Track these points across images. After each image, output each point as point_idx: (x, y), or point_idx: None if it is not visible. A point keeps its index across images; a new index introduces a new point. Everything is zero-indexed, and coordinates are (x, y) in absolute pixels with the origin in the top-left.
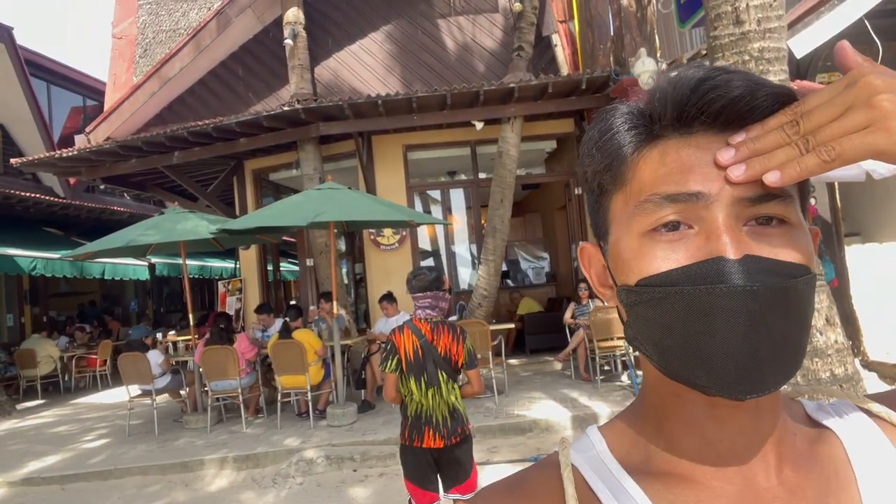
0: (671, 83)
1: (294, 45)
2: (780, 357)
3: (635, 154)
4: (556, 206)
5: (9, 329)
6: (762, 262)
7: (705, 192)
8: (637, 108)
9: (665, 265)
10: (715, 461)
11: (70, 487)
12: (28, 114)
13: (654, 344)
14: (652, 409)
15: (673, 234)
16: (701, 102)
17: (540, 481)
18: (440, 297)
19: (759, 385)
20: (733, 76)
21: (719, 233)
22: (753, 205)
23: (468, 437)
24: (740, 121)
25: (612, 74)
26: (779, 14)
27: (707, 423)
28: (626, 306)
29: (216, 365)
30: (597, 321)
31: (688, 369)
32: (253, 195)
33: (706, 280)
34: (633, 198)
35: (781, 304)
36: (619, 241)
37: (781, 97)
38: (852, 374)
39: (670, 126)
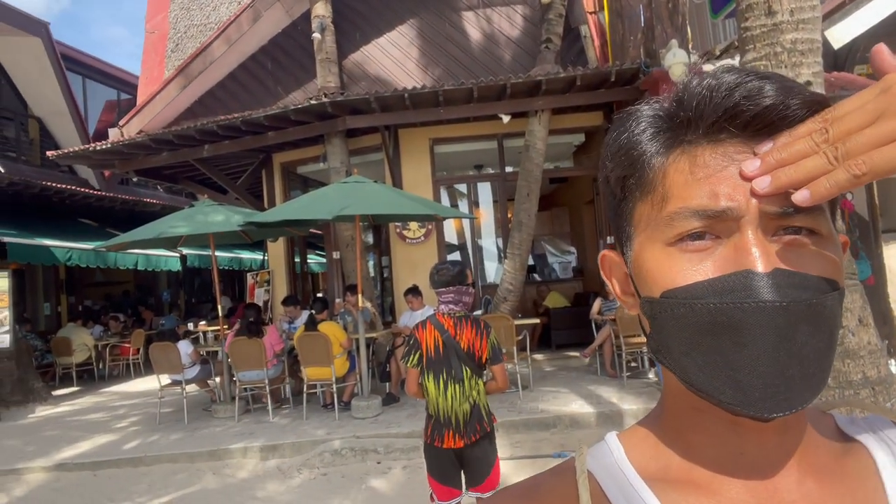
0: (702, 89)
1: (322, 39)
2: (808, 375)
3: (663, 161)
4: (584, 201)
5: (46, 317)
6: (792, 277)
7: (734, 207)
8: (664, 112)
9: (691, 277)
10: (736, 473)
11: (102, 474)
12: (64, 107)
13: (677, 357)
14: (672, 419)
15: (699, 244)
16: (732, 111)
17: (555, 487)
18: (463, 291)
19: (786, 403)
20: (765, 83)
21: (748, 246)
22: (782, 217)
23: (489, 434)
24: (771, 128)
25: (643, 66)
26: (813, 4)
27: (729, 437)
28: (649, 318)
29: (245, 355)
30: (624, 317)
31: (713, 385)
32: (281, 188)
33: (734, 294)
34: (660, 207)
35: (811, 321)
36: (643, 251)
37: (815, 105)
38: (885, 377)
39: (699, 133)
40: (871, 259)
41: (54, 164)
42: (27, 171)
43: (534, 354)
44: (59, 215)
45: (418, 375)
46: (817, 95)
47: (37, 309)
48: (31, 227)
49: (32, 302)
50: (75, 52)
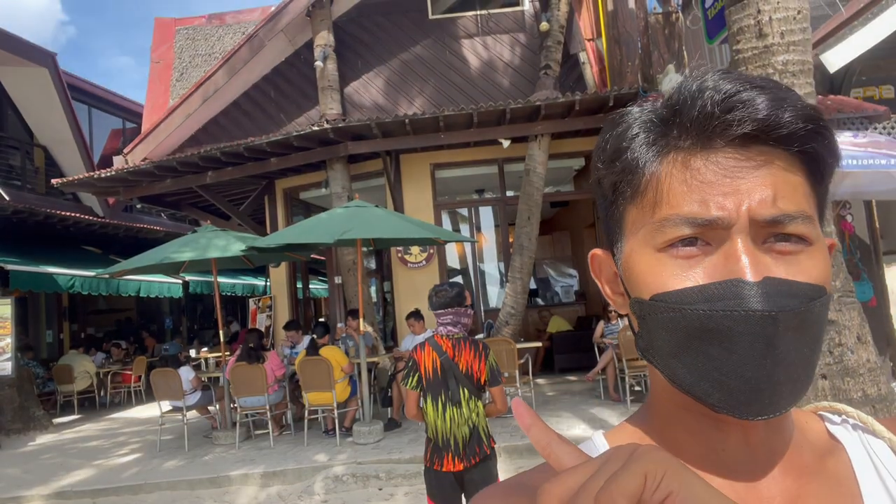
0: (696, 95)
1: (324, 67)
2: (793, 379)
3: (655, 167)
4: (584, 224)
5: (48, 345)
6: (781, 285)
7: (724, 216)
8: (657, 115)
9: (681, 283)
10: (718, 470)
11: (101, 501)
12: (70, 136)
13: (665, 358)
14: (657, 417)
15: (690, 250)
16: (725, 121)
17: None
18: (462, 313)
19: (771, 407)
20: (759, 94)
21: (738, 255)
22: (772, 226)
23: (490, 457)
24: (762, 138)
25: (640, 91)
26: (803, 27)
27: (713, 434)
28: (638, 318)
29: (245, 381)
30: (626, 340)
31: (700, 387)
32: (284, 214)
33: (724, 302)
34: (651, 212)
35: (798, 328)
36: (632, 254)
37: (806, 117)
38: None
39: (692, 140)
40: (873, 280)
41: (59, 192)
42: (32, 198)
43: (536, 378)
44: (63, 242)
45: (418, 397)
46: (808, 107)
47: (39, 336)
48: (34, 254)
49: (35, 329)
50: (81, 82)
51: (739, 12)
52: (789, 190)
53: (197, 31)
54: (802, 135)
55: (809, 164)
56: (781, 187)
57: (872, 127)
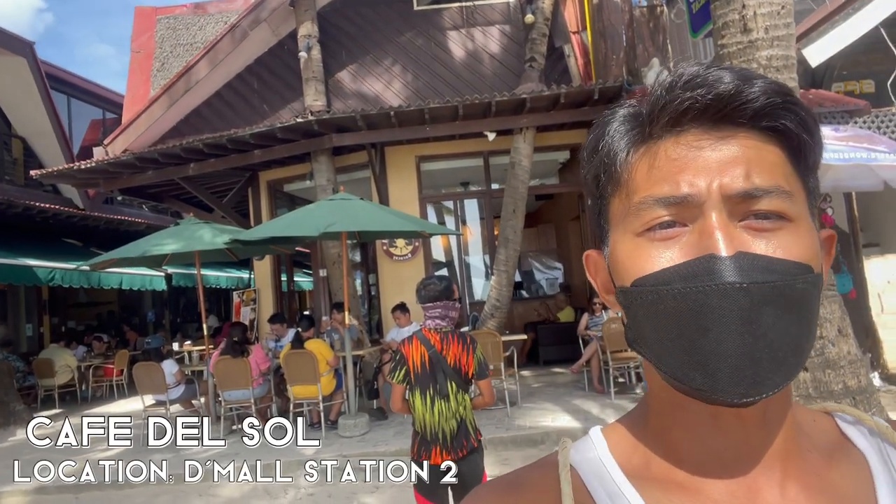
0: (662, 83)
1: (308, 58)
2: (777, 357)
3: (629, 156)
4: (569, 217)
5: (28, 339)
6: (757, 260)
7: (695, 193)
8: (633, 111)
9: (659, 264)
10: (717, 471)
11: (84, 497)
12: (48, 127)
13: (651, 345)
14: (655, 415)
15: (667, 232)
16: (689, 99)
17: (537, 480)
18: (450, 306)
19: (756, 386)
20: (724, 72)
21: (711, 230)
22: (746, 201)
23: (477, 450)
24: (731, 116)
25: (625, 84)
26: (787, 22)
27: (710, 432)
28: (624, 308)
29: (230, 375)
30: (610, 332)
31: (683, 370)
32: (267, 206)
33: (698, 278)
34: (628, 200)
35: (777, 303)
36: (616, 244)
37: (773, 93)
38: (866, 386)
39: (662, 125)
40: (853, 273)
41: (38, 184)
42: (10, 190)
43: (521, 371)
44: (43, 235)
45: (404, 391)
46: (776, 83)
47: (18, 330)
48: (13, 246)
49: (14, 323)
50: (60, 72)
51: (724, 7)
52: (764, 166)
53: (178, 21)
54: (770, 111)
55: (786, 142)
56: (755, 163)
57: (853, 121)
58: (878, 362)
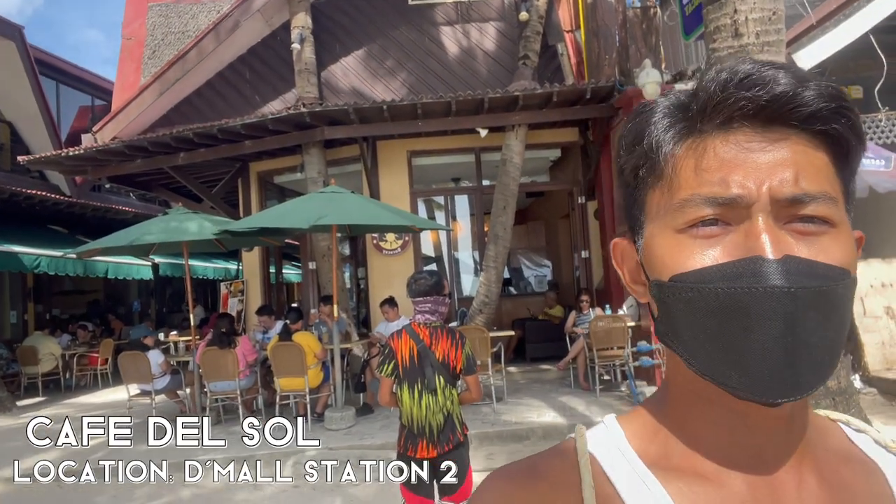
0: (715, 79)
1: (301, 50)
2: (815, 360)
3: (675, 149)
4: (559, 215)
5: (12, 326)
6: (802, 264)
7: (745, 194)
8: (678, 101)
9: (701, 262)
10: (741, 465)
11: (67, 485)
12: (36, 112)
13: (685, 341)
14: (677, 406)
15: (711, 230)
16: (744, 99)
17: (555, 466)
18: (440, 301)
19: (793, 388)
20: (780, 73)
21: (759, 232)
22: (794, 205)
23: (462, 444)
24: (784, 118)
25: (617, 85)
26: (777, 28)
27: (736, 428)
28: (657, 301)
29: (216, 366)
30: (597, 330)
31: (719, 369)
32: (257, 198)
33: (743, 279)
34: (672, 194)
35: (819, 307)
36: (654, 237)
37: (828, 97)
38: (846, 388)
39: (712, 121)
40: None
41: (25, 170)
42: None
43: (508, 367)
44: (28, 221)
45: (392, 385)
46: (831, 87)
47: (3, 317)
48: None
49: None
50: (49, 57)
51: (716, 11)
52: (812, 171)
53: (170, 8)
54: (825, 114)
55: (833, 145)
56: (804, 167)
57: None
58: (859, 364)
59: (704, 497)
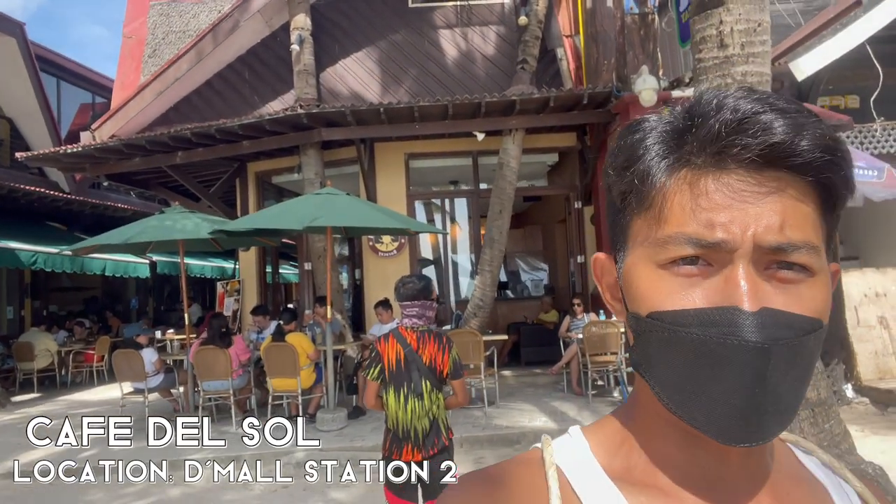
0: (714, 111)
1: (300, 51)
2: (780, 409)
3: (665, 181)
4: (556, 220)
5: (8, 322)
6: (778, 316)
7: (729, 239)
8: (674, 126)
9: (679, 303)
10: (700, 486)
11: (58, 482)
12: (37, 109)
13: (657, 375)
14: (642, 423)
15: (690, 269)
16: (740, 143)
17: (522, 476)
18: (428, 305)
19: (756, 435)
20: (777, 117)
21: (738, 280)
22: (776, 253)
23: (447, 448)
24: (778, 163)
25: (614, 90)
26: (763, 39)
27: (697, 451)
28: (634, 333)
29: (209, 365)
30: (590, 336)
31: (686, 408)
32: (255, 198)
33: (719, 328)
34: (656, 227)
35: (789, 360)
36: (634, 267)
37: (823, 147)
38: (825, 399)
39: (705, 158)
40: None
41: (24, 166)
42: None
43: (502, 371)
44: (26, 218)
45: (378, 388)
46: (829, 137)
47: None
48: None
49: None
50: (50, 54)
51: (703, 21)
52: (799, 219)
53: (171, 8)
54: (818, 164)
55: (823, 193)
56: (790, 215)
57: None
58: (851, 374)
59: None
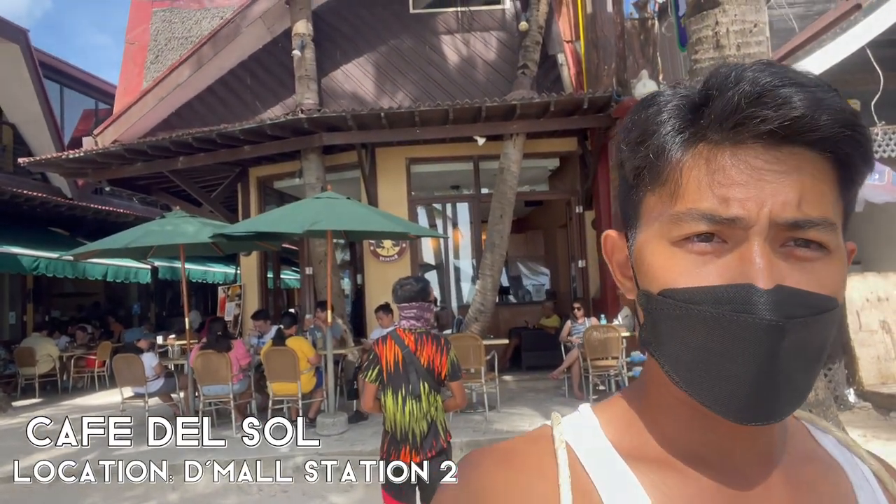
0: (731, 84)
1: (302, 56)
2: (793, 388)
3: (680, 157)
4: (557, 224)
5: (10, 327)
6: (793, 295)
7: (744, 216)
8: (690, 101)
9: (692, 281)
10: (711, 463)
11: (57, 486)
12: (40, 115)
13: (667, 353)
14: (652, 401)
15: (704, 247)
16: (758, 116)
17: (531, 454)
18: (426, 308)
19: (768, 415)
20: (796, 91)
21: (753, 258)
22: (793, 229)
23: (446, 451)
24: (796, 138)
25: (614, 95)
26: (759, 40)
27: (707, 430)
28: (645, 311)
29: (209, 370)
30: (591, 340)
31: (698, 387)
32: (256, 202)
33: (732, 305)
34: (670, 202)
35: (804, 338)
36: (646, 244)
37: (843, 121)
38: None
39: (721, 133)
40: None
41: (27, 172)
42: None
43: (504, 375)
44: (29, 223)
45: (376, 390)
46: (848, 112)
47: (1, 318)
48: None
49: None
50: (54, 60)
51: (699, 23)
52: (816, 195)
53: (174, 14)
54: (838, 140)
55: (841, 169)
56: (808, 191)
57: None
58: (854, 378)
59: (676, 490)
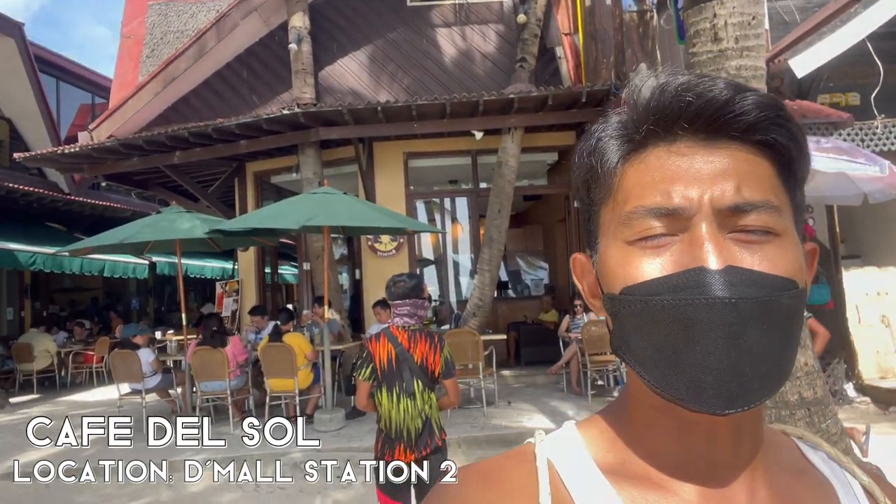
0: (653, 90)
1: (298, 50)
2: (761, 372)
3: (620, 163)
4: (556, 219)
5: (8, 322)
6: (745, 274)
7: (686, 205)
8: (620, 118)
9: (648, 273)
10: (694, 476)
11: (54, 483)
12: (36, 109)
13: (636, 354)
14: (634, 417)
15: (657, 241)
16: (683, 109)
17: (513, 472)
18: (419, 304)
19: (739, 400)
20: (717, 82)
21: (702, 241)
22: (736, 215)
23: (440, 449)
24: (725, 127)
25: (613, 88)
26: (757, 33)
27: (688, 439)
28: (611, 315)
29: (206, 366)
30: (589, 335)
31: (668, 381)
32: (254, 197)
33: (687, 291)
34: (619, 208)
35: (763, 318)
36: (606, 251)
37: (765, 106)
38: (821, 398)
39: (654, 134)
40: (831, 284)
41: (23, 167)
42: None
43: (501, 370)
44: (26, 218)
45: (369, 388)
46: (769, 96)
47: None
48: None
49: None
50: (50, 54)
51: (696, 15)
52: (754, 179)
53: (170, 7)
54: (764, 125)
55: (776, 155)
56: (746, 176)
57: (837, 133)
58: (853, 373)
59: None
